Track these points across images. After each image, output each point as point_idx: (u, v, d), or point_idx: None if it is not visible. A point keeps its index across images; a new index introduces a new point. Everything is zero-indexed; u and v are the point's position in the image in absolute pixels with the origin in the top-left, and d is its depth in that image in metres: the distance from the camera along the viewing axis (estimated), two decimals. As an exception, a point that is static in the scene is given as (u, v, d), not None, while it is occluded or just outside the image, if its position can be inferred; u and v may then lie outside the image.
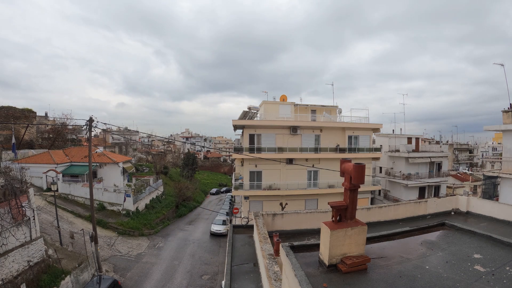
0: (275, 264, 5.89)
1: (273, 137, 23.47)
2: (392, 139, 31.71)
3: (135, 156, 52.81)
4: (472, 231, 5.28)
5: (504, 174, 17.13)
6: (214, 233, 26.52)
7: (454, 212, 11.00)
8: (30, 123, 30.59)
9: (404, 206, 10.90)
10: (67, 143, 36.04)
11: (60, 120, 37.32)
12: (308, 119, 26.23)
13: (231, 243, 8.94)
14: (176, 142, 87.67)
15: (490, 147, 61.29)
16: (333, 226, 3.91)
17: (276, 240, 6.85)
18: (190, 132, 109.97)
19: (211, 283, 17.22)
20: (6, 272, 11.30)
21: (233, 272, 7.21)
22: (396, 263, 4.11)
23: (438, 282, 3.52)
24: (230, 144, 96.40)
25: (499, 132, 26.29)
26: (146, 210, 28.99)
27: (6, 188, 12.27)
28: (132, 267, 18.09)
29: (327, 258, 3.88)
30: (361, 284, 3.51)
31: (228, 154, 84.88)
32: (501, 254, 4.37)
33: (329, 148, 24.43)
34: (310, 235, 8.30)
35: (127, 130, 64.31)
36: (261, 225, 8.39)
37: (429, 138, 55.08)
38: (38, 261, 13.11)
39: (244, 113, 25.55)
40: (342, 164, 4.17)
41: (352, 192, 4.03)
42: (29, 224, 13.07)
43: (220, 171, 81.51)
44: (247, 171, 23.31)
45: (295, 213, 9.63)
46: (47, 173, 25.25)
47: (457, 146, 56.24)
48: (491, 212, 9.94)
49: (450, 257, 4.30)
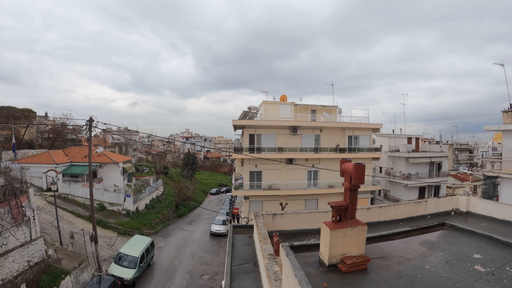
0: (275, 264, 5.88)
1: (273, 137, 23.47)
2: (392, 139, 31.72)
3: (135, 156, 52.81)
4: (472, 231, 5.28)
5: (504, 174, 17.13)
6: (214, 233, 26.53)
7: (454, 212, 10.99)
8: (30, 123, 30.59)
9: (404, 206, 10.90)
10: (67, 143, 36.02)
11: (60, 120, 37.32)
12: (308, 119, 26.23)
13: (231, 243, 8.94)
14: (176, 142, 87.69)
15: (490, 147, 61.33)
16: (333, 226, 3.91)
17: (276, 240, 6.85)
18: (190, 132, 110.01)
19: (211, 283, 17.22)
20: (6, 272, 11.30)
21: (233, 272, 7.21)
22: (396, 263, 4.11)
23: (438, 282, 3.52)
24: (230, 144, 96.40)
25: (499, 132, 26.29)
26: (146, 210, 28.99)
27: (6, 188, 12.26)
28: (132, 267, 18.07)
29: (327, 258, 3.88)
30: (361, 284, 3.51)
31: (228, 154, 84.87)
32: (501, 254, 4.37)
33: (329, 148, 24.43)
34: (310, 235, 8.30)
35: (127, 130, 64.29)
36: (261, 225, 8.38)
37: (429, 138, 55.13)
38: (38, 261, 13.10)
39: (244, 113, 25.56)
40: (342, 164, 4.17)
41: (352, 192, 4.03)
42: (29, 224, 13.07)
43: (220, 171, 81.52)
44: (247, 171, 23.31)
45: (295, 213, 9.62)
46: (47, 173, 25.24)
47: (457, 146, 56.25)
48: (491, 212, 9.93)
49: (450, 257, 4.30)
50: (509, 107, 17.99)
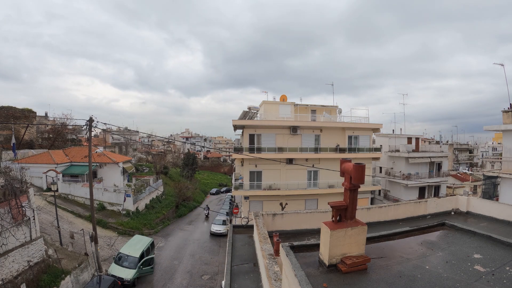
0: (275, 264, 5.88)
1: (273, 137, 23.47)
2: (392, 139, 31.72)
3: (135, 156, 52.81)
4: (472, 231, 5.28)
5: (504, 174, 17.12)
6: (214, 233, 26.53)
7: (454, 212, 10.99)
8: (30, 123, 30.59)
9: (404, 206, 10.90)
10: (67, 143, 36.03)
11: (60, 120, 37.34)
12: (308, 119, 26.23)
13: (231, 243, 8.94)
14: (176, 142, 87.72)
15: (490, 147, 61.33)
16: (333, 226, 3.91)
17: (276, 240, 6.85)
18: (190, 132, 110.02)
19: (211, 283, 17.22)
20: (6, 272, 11.30)
21: (233, 272, 7.21)
22: (396, 263, 4.11)
23: (438, 282, 3.52)
24: (230, 144, 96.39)
25: (499, 132, 26.29)
26: (146, 210, 29.00)
27: (6, 188, 12.27)
28: (132, 267, 18.07)
29: (327, 258, 3.88)
30: (361, 284, 3.51)
31: (228, 154, 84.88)
32: (501, 254, 4.37)
33: (329, 148, 24.43)
34: (310, 235, 8.29)
35: (127, 130, 64.30)
36: (261, 225, 8.38)
37: (429, 138, 55.12)
38: (38, 261, 13.11)
39: (244, 113, 25.57)
40: (342, 164, 4.17)
41: (352, 192, 4.03)
42: (29, 224, 13.07)
43: (220, 171, 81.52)
44: (247, 171, 23.31)
45: (295, 213, 9.62)
46: (47, 173, 25.24)
47: (457, 146, 56.25)
48: (491, 212, 9.92)
49: (450, 257, 4.30)
50: (509, 107, 17.99)
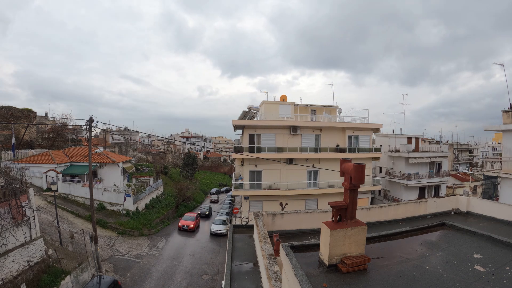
0: (275, 264, 5.88)
1: (273, 137, 23.47)
2: (392, 139, 31.71)
3: (135, 156, 52.77)
4: (472, 231, 5.29)
5: (504, 174, 17.12)
6: (214, 233, 26.51)
7: (454, 212, 10.99)
8: (30, 123, 30.59)
9: (404, 206, 10.90)
10: (67, 143, 36.01)
11: (60, 120, 37.36)
12: (308, 119, 26.23)
13: (231, 243, 8.94)
14: (176, 142, 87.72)
15: (490, 147, 61.27)
16: (333, 226, 3.91)
17: (276, 240, 6.85)
18: (190, 132, 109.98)
19: (211, 283, 17.21)
20: (6, 272, 11.30)
21: (233, 272, 7.21)
22: (396, 263, 4.11)
23: (438, 282, 3.52)
24: (230, 144, 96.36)
25: (499, 132, 26.30)
26: (146, 210, 28.98)
27: (6, 188, 12.27)
28: (132, 267, 18.07)
29: (327, 258, 3.88)
30: (361, 284, 3.51)
31: (228, 154, 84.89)
32: (501, 254, 4.37)
33: (329, 148, 24.43)
34: (310, 235, 8.30)
35: (127, 130, 64.32)
36: (261, 225, 8.38)
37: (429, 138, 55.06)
38: (38, 261, 13.10)
39: (244, 113, 25.58)
40: (342, 164, 4.17)
41: (352, 192, 4.03)
42: (29, 224, 13.07)
43: (220, 171, 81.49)
44: (247, 171, 23.31)
45: (295, 213, 9.62)
46: (47, 173, 25.23)
47: (457, 146, 56.18)
48: (491, 212, 9.92)
49: (450, 257, 4.30)
50: (509, 107, 17.99)
